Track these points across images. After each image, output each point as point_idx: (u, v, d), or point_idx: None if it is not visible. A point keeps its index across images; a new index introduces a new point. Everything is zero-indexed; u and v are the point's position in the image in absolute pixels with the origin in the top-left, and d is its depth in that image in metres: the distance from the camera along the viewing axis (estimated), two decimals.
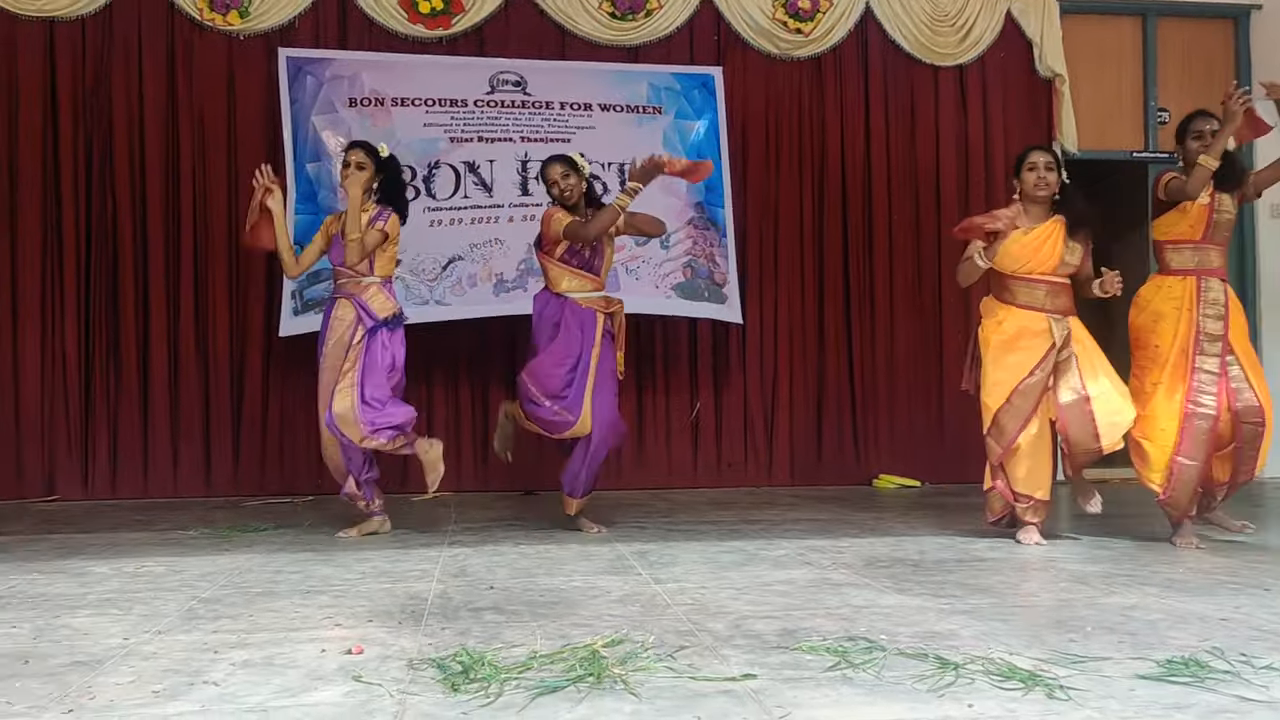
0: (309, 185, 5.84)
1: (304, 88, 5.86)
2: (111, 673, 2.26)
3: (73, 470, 5.79)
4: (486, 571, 3.45)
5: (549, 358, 4.23)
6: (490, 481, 6.18)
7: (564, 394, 4.21)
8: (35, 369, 5.78)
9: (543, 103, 6.05)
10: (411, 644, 2.48)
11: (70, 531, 4.50)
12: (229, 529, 4.54)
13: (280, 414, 6.01)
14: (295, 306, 5.73)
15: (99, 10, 5.81)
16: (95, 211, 5.87)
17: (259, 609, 2.90)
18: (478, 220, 5.93)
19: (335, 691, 2.11)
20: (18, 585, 3.26)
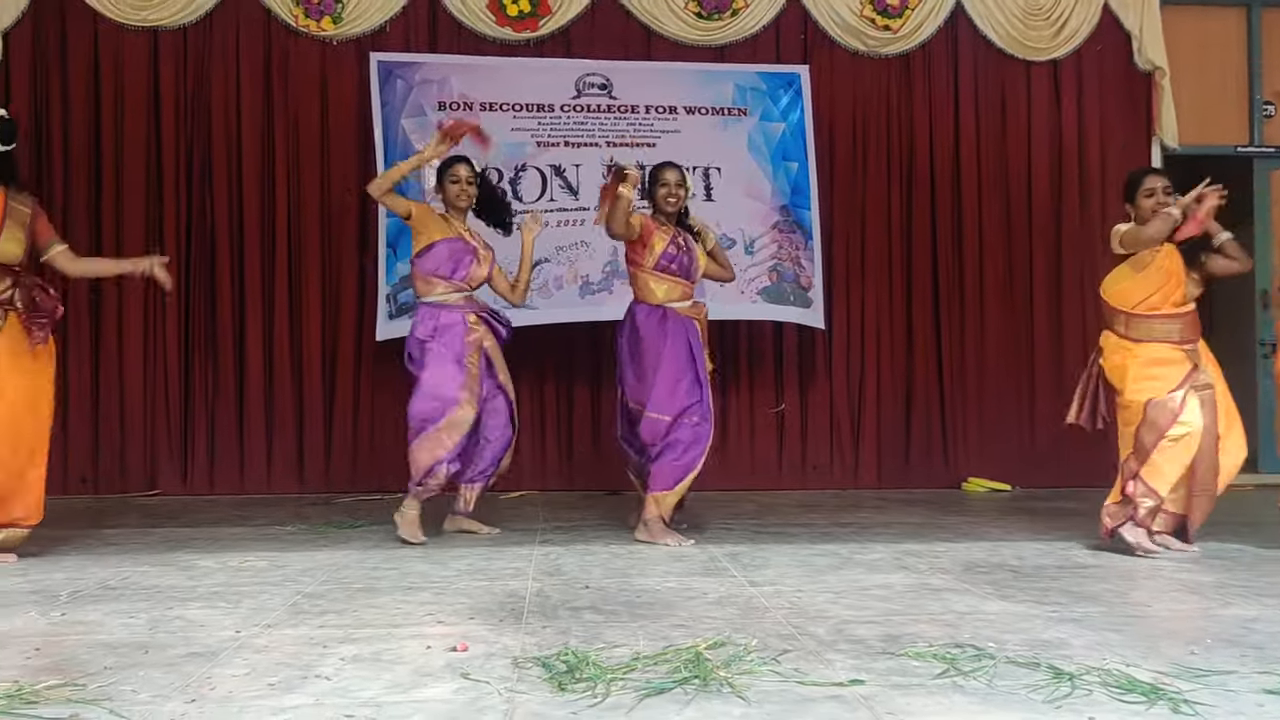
0: (400, 189, 5.91)
1: (394, 91, 5.95)
2: (226, 664, 2.32)
3: (173, 466, 5.96)
4: (581, 571, 3.46)
5: (670, 378, 4.13)
6: (575, 481, 6.21)
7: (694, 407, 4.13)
8: (138, 370, 5.96)
9: (628, 106, 6.06)
10: (514, 642, 2.50)
11: (174, 526, 4.64)
12: (324, 525, 4.63)
13: (370, 412, 6.11)
14: (390, 310, 5.83)
15: (200, 19, 5.97)
16: (195, 214, 6.03)
17: (361, 604, 2.95)
18: (564, 223, 5.97)
19: (444, 688, 2.14)
20: (130, 577, 3.37)
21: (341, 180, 6.10)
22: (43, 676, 2.20)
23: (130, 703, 2.03)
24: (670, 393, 4.13)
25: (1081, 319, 6.43)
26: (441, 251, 4.18)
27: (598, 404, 6.25)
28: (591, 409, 6.27)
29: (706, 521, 4.65)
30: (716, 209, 5.83)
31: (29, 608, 2.91)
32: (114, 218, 5.93)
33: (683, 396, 4.15)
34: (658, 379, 4.14)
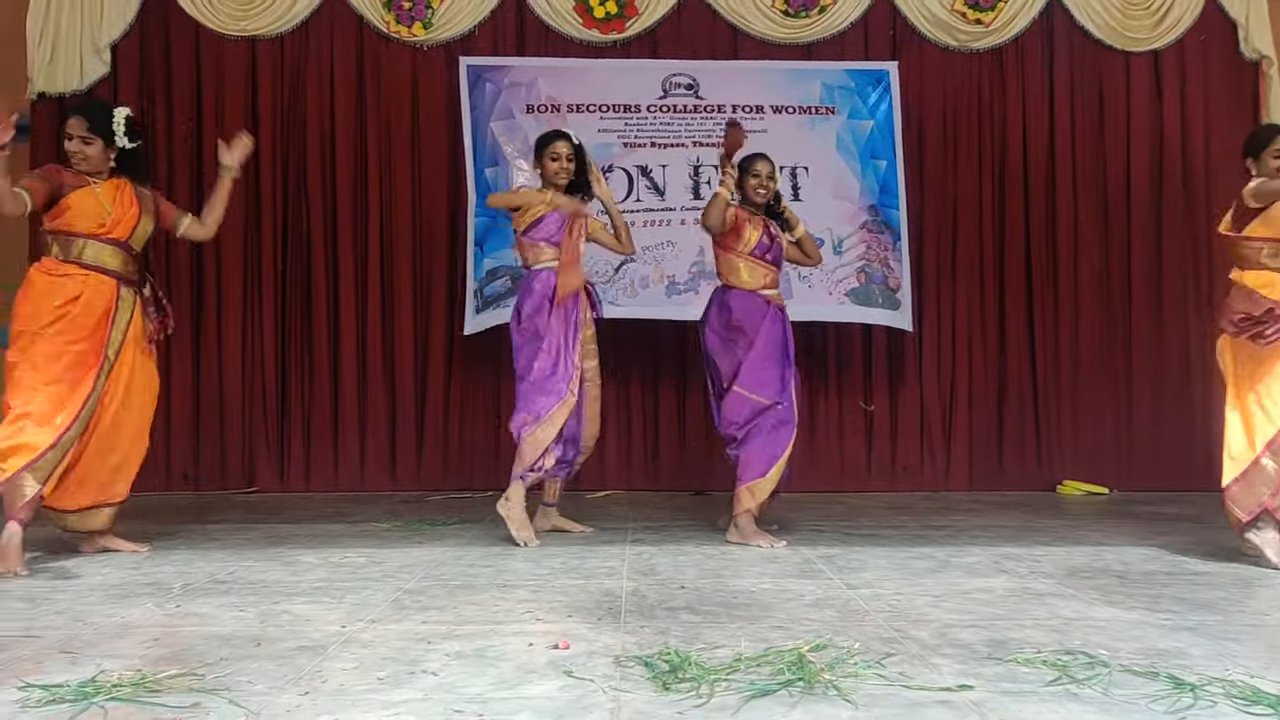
0: (488, 189, 5.99)
1: (483, 94, 6.03)
2: (335, 658, 2.37)
3: (270, 464, 6.11)
4: (674, 571, 3.46)
5: (762, 355, 4.12)
6: (661, 480, 6.22)
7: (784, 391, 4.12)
8: (237, 370, 6.13)
9: (714, 106, 6.05)
10: (614, 641, 2.51)
11: (274, 522, 4.75)
12: (419, 522, 4.70)
13: (461, 410, 6.20)
14: (477, 305, 5.91)
15: (295, 28, 6.11)
16: (290, 218, 6.18)
17: (461, 601, 2.99)
18: (650, 223, 5.98)
19: (549, 685, 2.15)
20: (237, 571, 3.46)
21: (432, 182, 6.19)
22: (163, 666, 2.27)
23: (247, 694, 2.09)
24: (761, 372, 4.12)
25: (1183, 316, 6.24)
26: (551, 221, 4.19)
27: (683, 404, 6.25)
28: (677, 409, 6.27)
29: (796, 523, 4.61)
30: (804, 209, 5.74)
31: (145, 599, 3.01)
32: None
33: (773, 379, 4.14)
34: (750, 357, 4.14)
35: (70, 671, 2.23)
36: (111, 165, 3.80)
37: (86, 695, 2.05)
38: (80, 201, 3.69)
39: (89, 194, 3.71)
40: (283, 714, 1.97)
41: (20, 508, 3.47)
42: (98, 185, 3.75)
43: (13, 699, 2.05)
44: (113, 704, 2.01)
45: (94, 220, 3.70)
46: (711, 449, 6.15)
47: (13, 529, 3.44)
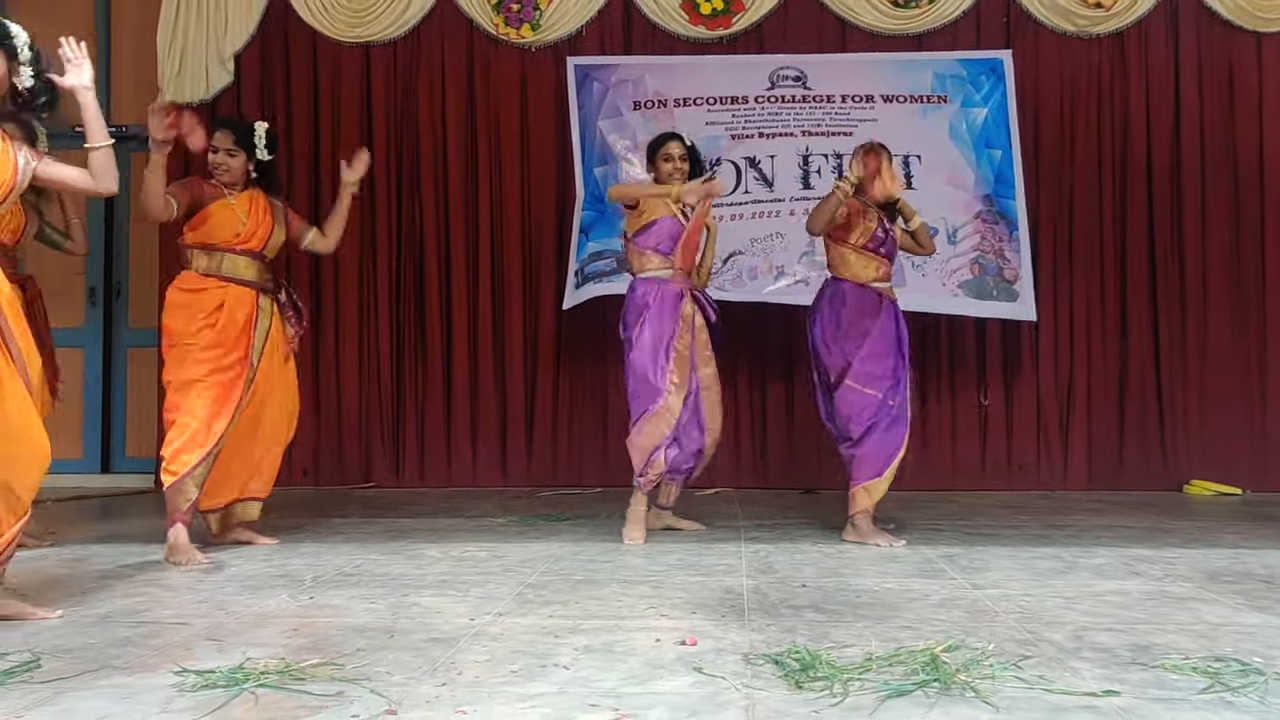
0: (598, 188, 6.04)
1: (591, 93, 6.07)
2: (467, 650, 2.41)
3: (386, 460, 6.26)
4: (793, 569, 3.44)
5: (876, 349, 4.05)
6: (770, 478, 6.18)
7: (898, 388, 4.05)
8: (354, 367, 6.30)
9: (823, 96, 5.98)
10: (741, 639, 2.50)
11: (393, 516, 4.87)
12: (534, 517, 4.76)
13: (570, 409, 6.25)
14: (576, 281, 5.95)
15: (408, 33, 6.25)
16: (404, 219, 6.32)
17: (583, 596, 3.02)
18: (758, 215, 5.95)
19: (681, 681, 2.16)
20: (364, 564, 3.56)
21: (541, 182, 6.26)
22: (305, 655, 2.34)
23: (386, 684, 2.14)
24: (875, 366, 4.04)
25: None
26: (663, 228, 4.16)
27: (792, 401, 6.20)
28: (786, 406, 6.23)
29: (911, 522, 4.54)
30: (917, 197, 5.63)
31: (280, 590, 3.12)
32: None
33: (886, 373, 4.06)
34: (862, 352, 4.05)
35: (218, 658, 2.31)
36: (250, 177, 3.93)
37: (237, 681, 2.12)
38: (218, 213, 3.82)
39: (226, 206, 3.85)
40: (422, 704, 2.01)
41: (185, 511, 3.64)
42: (233, 197, 3.88)
43: (169, 683, 2.14)
44: (262, 690, 2.08)
45: (230, 231, 3.84)
46: (821, 447, 6.11)
47: (179, 529, 3.62)
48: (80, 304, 6.60)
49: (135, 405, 6.59)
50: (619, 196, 4.35)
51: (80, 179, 2.75)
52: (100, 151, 2.74)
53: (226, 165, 3.85)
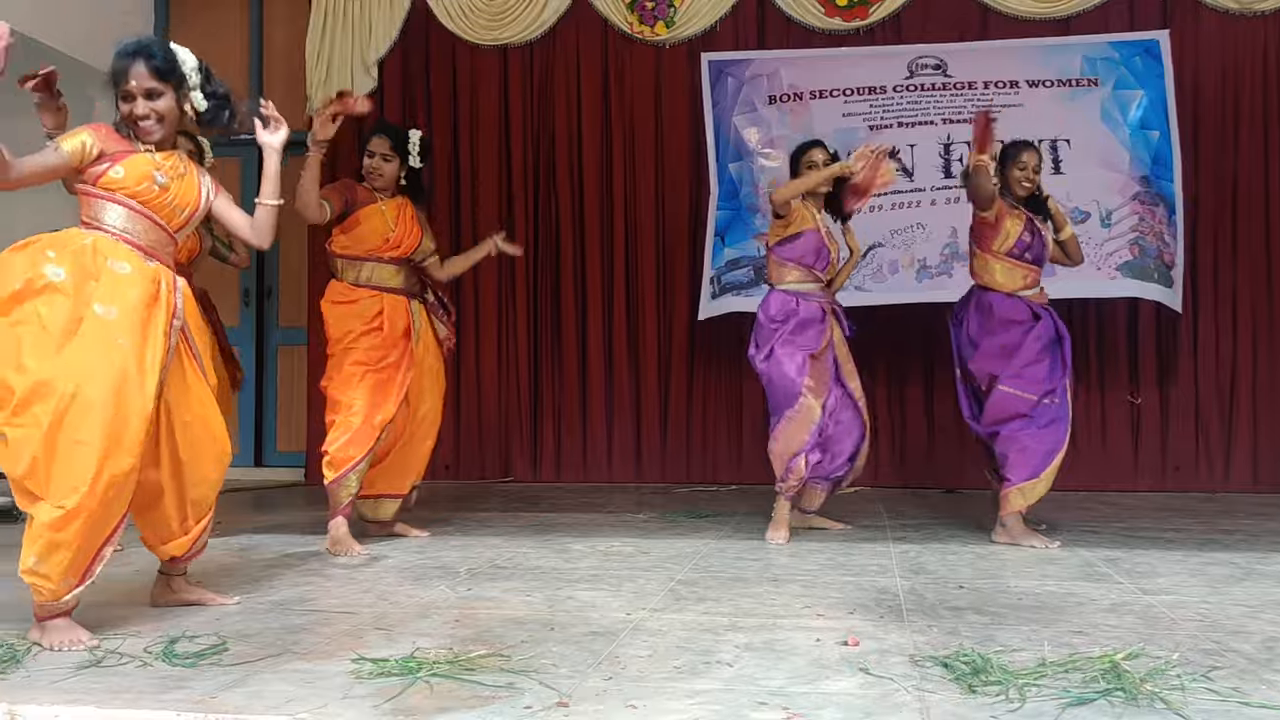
0: (732, 184, 6.03)
1: (725, 89, 6.05)
2: (628, 645, 2.42)
3: (524, 455, 6.37)
4: (947, 570, 3.35)
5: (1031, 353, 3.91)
6: (908, 477, 6.06)
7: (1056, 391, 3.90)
8: (493, 365, 6.43)
9: (964, 83, 5.82)
10: (904, 640, 2.45)
11: (536, 511, 4.95)
12: (674, 514, 4.77)
13: (703, 405, 6.25)
14: (714, 290, 5.94)
15: (544, 34, 6.33)
16: (541, 218, 6.41)
17: (736, 594, 3.01)
18: (898, 205, 5.83)
19: (849, 682, 2.12)
20: (514, 558, 3.62)
21: (675, 179, 6.26)
22: (470, 646, 2.39)
23: (554, 676, 2.16)
24: (1030, 369, 3.89)
25: None
26: (808, 241, 4.09)
27: (931, 400, 6.07)
28: (925, 405, 6.10)
29: (1065, 524, 4.38)
30: (1066, 182, 5.46)
31: (437, 582, 3.19)
32: (470, 225, 6.41)
33: (1042, 373, 3.90)
34: (1015, 363, 3.91)
35: (389, 647, 2.38)
36: (400, 183, 4.03)
37: (410, 670, 2.18)
38: (370, 218, 3.92)
39: (376, 211, 3.94)
40: (591, 697, 2.03)
41: (346, 505, 3.78)
42: (384, 202, 3.97)
43: (346, 670, 2.20)
44: (435, 680, 2.13)
45: (380, 236, 3.93)
46: (962, 446, 5.94)
47: (340, 522, 3.76)
48: (235, 305, 6.90)
49: (285, 402, 6.86)
50: (787, 195, 4.08)
51: (243, 228, 2.84)
52: (269, 210, 2.83)
53: (381, 170, 3.94)
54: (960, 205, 5.75)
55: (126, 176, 2.59)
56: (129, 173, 2.59)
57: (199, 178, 2.76)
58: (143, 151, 2.64)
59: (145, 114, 2.62)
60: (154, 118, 2.63)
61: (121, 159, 2.60)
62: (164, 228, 2.66)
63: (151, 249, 2.63)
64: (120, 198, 2.59)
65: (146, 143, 2.65)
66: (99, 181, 2.59)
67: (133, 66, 2.61)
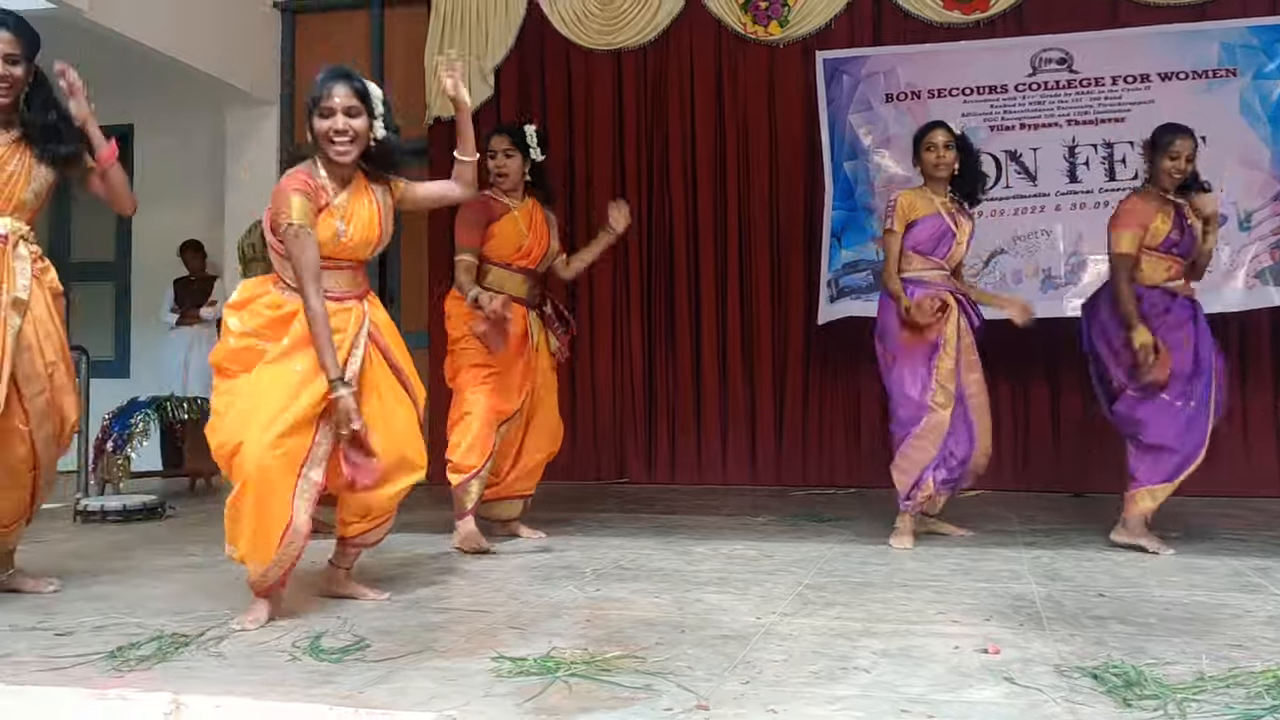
0: (847, 183, 5.94)
1: (840, 87, 5.97)
2: (761, 649, 2.41)
3: (639, 457, 6.39)
4: (1085, 578, 3.25)
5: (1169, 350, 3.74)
6: (1032, 481, 5.87)
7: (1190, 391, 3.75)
8: (607, 366, 6.46)
9: (1091, 79, 5.62)
10: (1047, 649, 2.38)
11: (653, 512, 4.96)
12: (794, 517, 4.73)
13: (819, 406, 6.17)
14: (831, 294, 5.87)
15: (658, 37, 6.34)
16: (654, 219, 6.43)
17: (866, 599, 2.96)
18: (1021, 211, 5.67)
19: (993, 691, 2.07)
20: (637, 559, 3.63)
21: (789, 179, 6.21)
22: (604, 646, 2.40)
23: (690, 679, 2.16)
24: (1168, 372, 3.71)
25: None
26: (926, 228, 3.98)
27: (1057, 402, 5.89)
28: (1050, 407, 5.91)
29: (1205, 530, 4.19)
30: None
31: (565, 582, 3.23)
32: (585, 230, 6.44)
33: (1182, 378, 3.73)
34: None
35: (525, 646, 2.41)
36: (526, 180, 4.08)
37: (549, 670, 2.20)
38: (505, 227, 3.97)
39: (512, 219, 3.99)
40: (730, 701, 2.02)
41: (470, 509, 3.85)
42: (517, 209, 4.02)
43: (485, 668, 2.24)
44: (574, 680, 2.15)
45: (513, 246, 3.99)
46: (1089, 450, 5.75)
47: (468, 523, 3.84)
48: None
49: None
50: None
51: (449, 189, 3.05)
52: (469, 165, 3.01)
53: (506, 169, 3.99)
54: (1086, 211, 5.60)
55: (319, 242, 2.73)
56: (319, 236, 2.72)
57: (377, 204, 2.86)
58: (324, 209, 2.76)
59: (343, 129, 2.74)
60: (350, 134, 2.75)
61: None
62: (354, 267, 2.85)
63: (344, 294, 2.80)
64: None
65: (340, 163, 2.77)
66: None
67: (336, 85, 2.77)
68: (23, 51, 2.91)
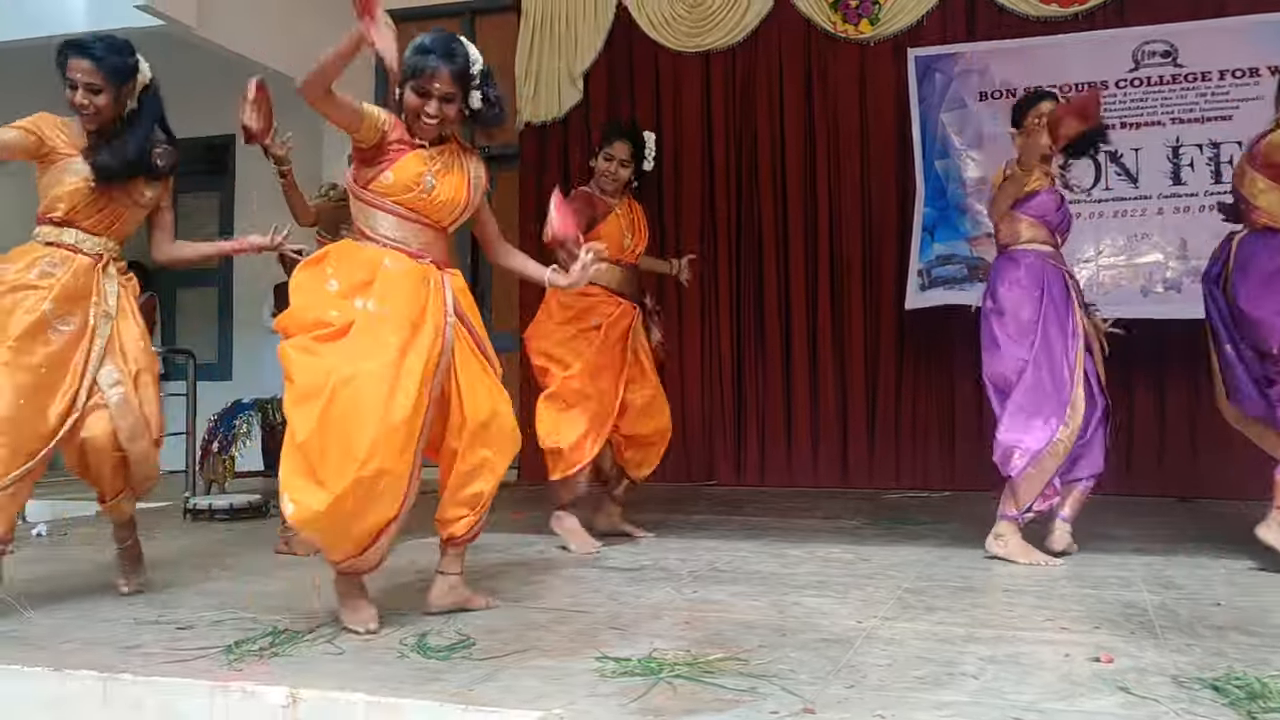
0: (939, 181, 5.86)
1: (933, 85, 5.88)
2: (864, 653, 2.39)
3: (728, 459, 6.37)
4: (1199, 585, 3.15)
5: None
6: (1135, 485, 5.69)
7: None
8: (696, 367, 6.46)
9: (1196, 74, 5.44)
10: (1162, 659, 2.31)
11: (745, 514, 4.95)
12: (889, 521, 4.67)
13: (912, 410, 6.09)
14: (923, 283, 5.78)
15: (746, 38, 6.33)
16: (744, 220, 6.41)
17: (968, 604, 2.91)
18: (1120, 214, 5.51)
19: (1108, 701, 2.02)
20: (733, 561, 3.63)
21: (880, 179, 6.14)
22: (706, 648, 2.41)
23: (794, 682, 2.15)
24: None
25: None
26: (1045, 201, 3.70)
27: (1162, 405, 5.72)
28: (1156, 410, 5.74)
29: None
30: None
31: (662, 584, 3.24)
32: (674, 229, 6.48)
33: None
34: None
35: (627, 647, 2.43)
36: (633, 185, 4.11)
37: (652, 671, 2.22)
38: (608, 229, 4.00)
39: (615, 220, 4.04)
40: (835, 705, 2.01)
41: (574, 501, 3.89)
42: (619, 208, 4.07)
43: (589, 668, 2.26)
44: (678, 681, 2.16)
45: (617, 244, 4.01)
46: (1196, 453, 5.58)
47: (572, 519, 3.88)
48: None
49: None
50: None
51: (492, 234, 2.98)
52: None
53: (619, 176, 4.03)
54: (1190, 215, 5.42)
55: (395, 183, 2.69)
56: (397, 179, 2.68)
57: (470, 170, 2.82)
58: (415, 149, 2.72)
59: (435, 115, 2.69)
60: (440, 120, 2.70)
61: (395, 160, 2.69)
62: (435, 227, 2.76)
63: (422, 250, 2.73)
64: (389, 204, 2.70)
65: (422, 139, 2.73)
66: (370, 185, 2.71)
67: (439, 69, 2.66)
68: (106, 80, 3.00)
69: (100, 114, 3.02)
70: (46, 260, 3.00)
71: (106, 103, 3.02)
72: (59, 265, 3.00)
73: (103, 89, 3.00)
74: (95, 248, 3.08)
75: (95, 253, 3.07)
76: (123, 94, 3.07)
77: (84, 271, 3.04)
